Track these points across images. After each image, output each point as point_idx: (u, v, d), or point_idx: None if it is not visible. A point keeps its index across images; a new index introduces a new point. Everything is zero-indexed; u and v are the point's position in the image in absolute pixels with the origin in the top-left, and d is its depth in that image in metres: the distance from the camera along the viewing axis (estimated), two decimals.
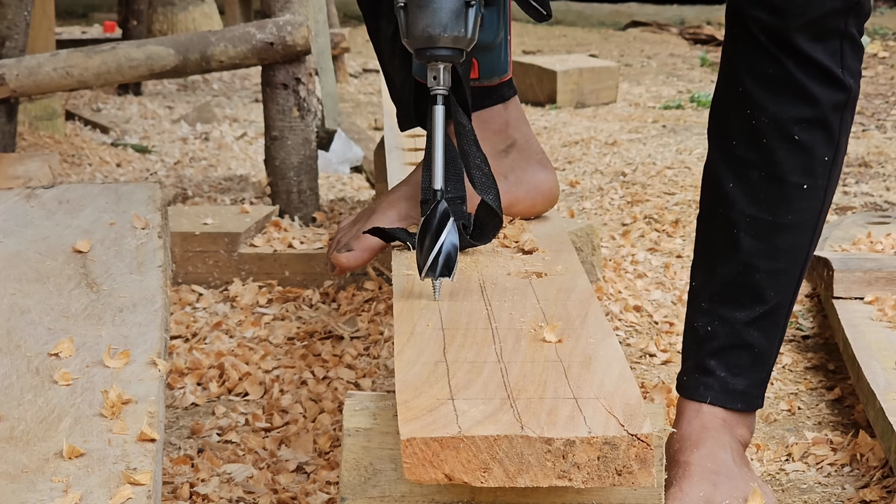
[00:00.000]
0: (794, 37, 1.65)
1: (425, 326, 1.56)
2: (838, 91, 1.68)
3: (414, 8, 1.62)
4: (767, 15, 1.65)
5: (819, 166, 1.70)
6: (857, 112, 5.37)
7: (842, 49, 1.67)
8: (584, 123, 5.22)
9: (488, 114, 1.99)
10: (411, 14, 1.62)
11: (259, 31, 3.14)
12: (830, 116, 1.68)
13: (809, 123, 1.68)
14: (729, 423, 1.75)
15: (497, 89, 2.00)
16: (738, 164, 1.71)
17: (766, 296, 1.73)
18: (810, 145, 1.69)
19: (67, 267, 1.91)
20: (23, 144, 4.11)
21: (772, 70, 1.67)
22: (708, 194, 1.77)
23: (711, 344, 1.75)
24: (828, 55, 1.66)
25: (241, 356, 2.39)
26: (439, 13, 1.61)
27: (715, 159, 1.75)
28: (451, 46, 1.62)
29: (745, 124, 1.70)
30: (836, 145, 1.70)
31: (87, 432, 1.42)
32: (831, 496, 1.85)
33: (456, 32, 1.61)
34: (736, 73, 1.71)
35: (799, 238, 1.73)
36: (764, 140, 1.69)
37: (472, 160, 1.77)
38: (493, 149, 1.98)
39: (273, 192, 3.22)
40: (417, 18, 1.62)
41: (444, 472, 1.26)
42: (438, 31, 1.61)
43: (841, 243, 2.81)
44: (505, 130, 2.01)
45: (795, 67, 1.66)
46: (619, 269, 2.92)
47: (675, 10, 10.68)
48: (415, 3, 1.62)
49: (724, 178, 1.72)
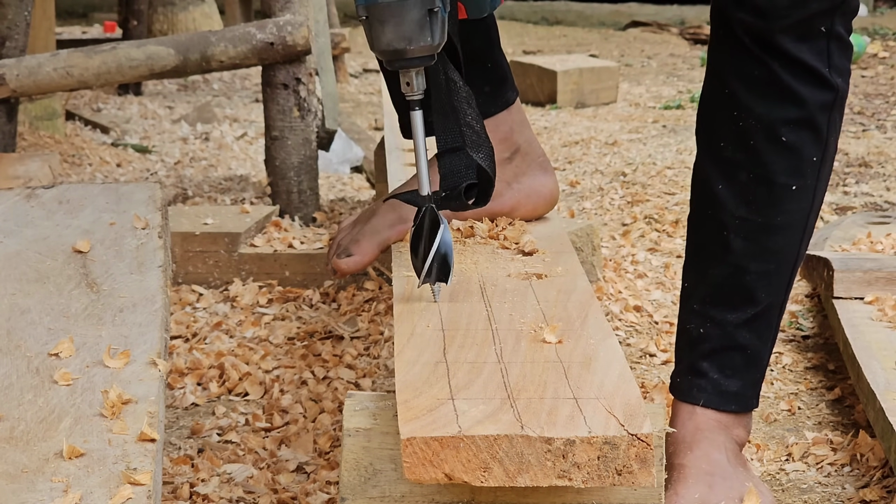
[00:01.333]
0: (779, 38, 1.63)
1: (425, 327, 1.56)
2: (825, 91, 1.67)
3: (375, 22, 1.55)
4: (752, 17, 1.64)
5: (807, 167, 1.69)
6: (857, 112, 5.37)
7: (829, 48, 1.66)
8: (585, 123, 5.22)
9: (494, 122, 1.98)
10: (374, 27, 1.55)
11: (259, 31, 3.14)
12: (818, 116, 1.67)
13: (797, 124, 1.67)
14: (724, 424, 1.75)
15: (502, 93, 1.99)
16: (727, 165, 1.71)
17: (757, 297, 1.73)
18: (798, 146, 1.68)
19: (67, 267, 1.91)
20: (23, 144, 4.11)
21: (758, 71, 1.66)
22: (698, 196, 1.76)
23: (704, 346, 1.75)
24: (814, 55, 1.65)
25: (242, 356, 2.39)
26: (402, 26, 1.54)
27: (703, 161, 1.75)
28: (419, 56, 1.57)
29: (733, 126, 1.69)
30: (825, 145, 1.69)
31: (87, 432, 1.42)
32: (831, 496, 1.85)
33: (422, 42, 1.56)
34: (722, 74, 1.70)
35: (789, 239, 1.72)
36: (751, 141, 1.68)
37: (462, 118, 1.69)
38: (498, 156, 1.98)
39: (273, 192, 3.23)
40: (380, 33, 1.55)
41: (444, 471, 1.26)
42: (404, 44, 1.55)
43: (841, 243, 2.81)
44: (510, 137, 2.01)
45: (781, 68, 1.65)
46: (619, 269, 2.92)
47: (675, 10, 10.69)
48: (375, 16, 1.55)
49: (713, 179, 1.72)
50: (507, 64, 2.07)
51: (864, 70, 6.66)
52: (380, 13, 1.54)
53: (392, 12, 1.54)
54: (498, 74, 2.01)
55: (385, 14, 1.54)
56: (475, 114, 1.71)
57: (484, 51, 1.99)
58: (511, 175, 2.00)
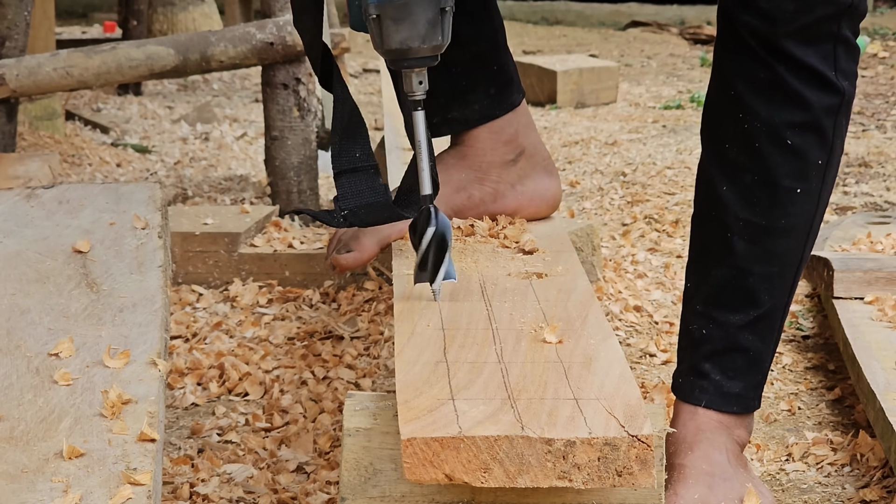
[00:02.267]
0: (784, 42, 1.63)
1: (426, 327, 1.56)
2: (831, 94, 1.66)
3: (388, 21, 1.54)
4: (758, 20, 1.63)
5: (813, 170, 1.69)
6: (857, 112, 5.37)
7: (835, 52, 1.65)
8: (584, 123, 5.22)
9: (499, 124, 1.98)
10: (385, 26, 1.55)
11: (259, 31, 3.14)
12: (824, 120, 1.66)
13: (802, 128, 1.66)
14: (725, 425, 1.75)
15: (507, 96, 1.99)
16: (731, 167, 1.70)
17: (760, 300, 1.72)
18: (803, 150, 1.67)
19: (67, 267, 1.91)
20: (23, 144, 4.11)
21: (763, 75, 1.65)
22: (701, 196, 1.76)
23: (706, 347, 1.75)
24: (820, 59, 1.64)
25: (241, 356, 2.39)
26: (417, 25, 1.54)
27: (708, 162, 1.74)
28: (426, 55, 1.57)
29: (738, 128, 1.68)
30: (830, 149, 1.68)
31: (87, 432, 1.42)
32: (831, 496, 1.85)
33: (434, 42, 1.56)
34: (727, 77, 1.69)
35: (793, 242, 1.72)
36: (756, 144, 1.67)
37: (361, 137, 1.70)
38: (502, 159, 1.98)
39: (273, 192, 3.22)
40: (393, 31, 1.55)
41: (444, 472, 1.26)
42: (417, 43, 1.55)
43: (841, 243, 2.81)
44: (515, 139, 2.01)
45: (787, 72, 1.64)
46: (619, 269, 2.92)
47: (675, 10, 10.68)
48: (389, 15, 1.54)
49: (718, 181, 1.71)
50: (514, 66, 2.06)
51: (864, 70, 6.66)
52: (394, 11, 1.54)
53: (407, 10, 1.54)
54: (503, 77, 2.01)
55: (400, 12, 1.54)
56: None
57: (489, 53, 1.99)
58: (515, 177, 2.00)
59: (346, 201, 1.69)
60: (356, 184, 1.70)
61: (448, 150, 2.02)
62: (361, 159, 1.71)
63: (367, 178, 1.69)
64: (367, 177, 1.70)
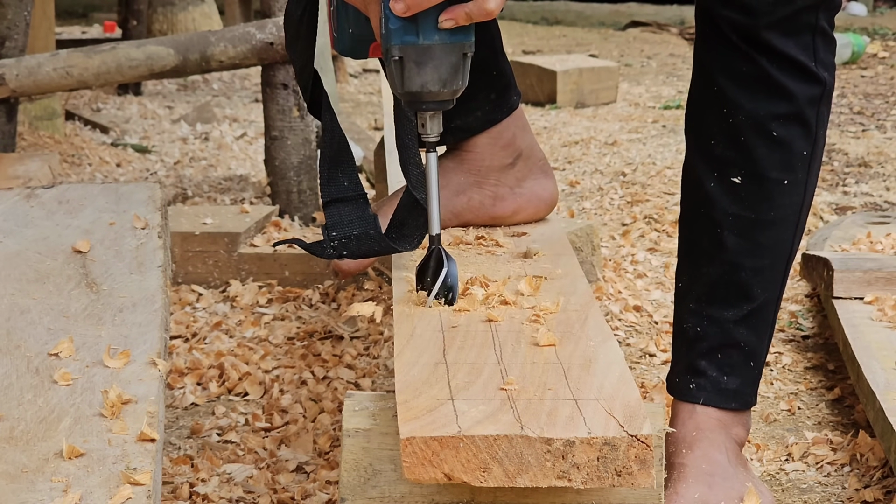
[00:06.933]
0: (765, 34, 1.64)
1: (425, 328, 1.56)
2: (813, 85, 1.68)
3: (411, 64, 1.50)
4: (738, 14, 1.65)
5: (798, 161, 1.70)
6: (857, 112, 5.36)
7: (814, 43, 1.67)
8: (584, 123, 5.22)
9: (498, 130, 1.98)
10: (408, 69, 1.51)
11: (259, 31, 3.14)
12: (807, 111, 1.68)
13: (786, 119, 1.68)
14: (724, 423, 1.75)
15: (507, 99, 1.99)
16: (718, 163, 1.71)
17: (752, 293, 1.74)
18: (788, 141, 1.69)
19: (67, 267, 1.91)
20: (23, 144, 4.11)
21: (745, 68, 1.67)
22: (689, 195, 1.77)
23: (701, 344, 1.75)
24: (800, 50, 1.66)
25: (241, 356, 2.40)
26: (440, 70, 1.51)
27: (694, 159, 1.75)
28: (444, 99, 1.54)
29: (723, 123, 1.70)
30: (814, 139, 1.71)
31: (87, 432, 1.42)
32: (831, 496, 1.85)
33: (454, 86, 1.52)
34: (710, 72, 1.71)
35: (782, 234, 1.73)
36: (742, 138, 1.69)
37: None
38: (501, 163, 1.98)
39: (273, 192, 3.23)
40: (414, 74, 1.51)
41: (443, 471, 1.26)
42: (437, 87, 1.51)
43: (841, 243, 2.81)
44: (513, 142, 2.01)
45: (769, 64, 1.66)
46: (619, 269, 2.93)
47: (675, 10, 10.69)
48: (412, 58, 1.50)
49: (705, 178, 1.73)
50: (510, 69, 2.07)
51: (864, 70, 6.66)
52: (417, 55, 1.50)
53: (432, 55, 1.50)
54: (503, 81, 2.02)
55: (424, 56, 1.50)
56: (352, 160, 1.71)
57: (488, 60, 1.99)
58: (513, 180, 2.00)
59: (337, 231, 1.69)
60: (346, 214, 1.70)
61: (446, 155, 2.03)
62: (350, 188, 1.71)
63: (356, 209, 1.69)
64: (357, 206, 1.70)
